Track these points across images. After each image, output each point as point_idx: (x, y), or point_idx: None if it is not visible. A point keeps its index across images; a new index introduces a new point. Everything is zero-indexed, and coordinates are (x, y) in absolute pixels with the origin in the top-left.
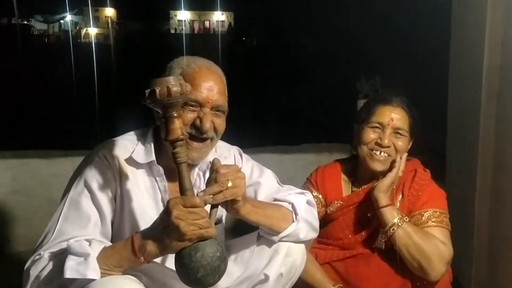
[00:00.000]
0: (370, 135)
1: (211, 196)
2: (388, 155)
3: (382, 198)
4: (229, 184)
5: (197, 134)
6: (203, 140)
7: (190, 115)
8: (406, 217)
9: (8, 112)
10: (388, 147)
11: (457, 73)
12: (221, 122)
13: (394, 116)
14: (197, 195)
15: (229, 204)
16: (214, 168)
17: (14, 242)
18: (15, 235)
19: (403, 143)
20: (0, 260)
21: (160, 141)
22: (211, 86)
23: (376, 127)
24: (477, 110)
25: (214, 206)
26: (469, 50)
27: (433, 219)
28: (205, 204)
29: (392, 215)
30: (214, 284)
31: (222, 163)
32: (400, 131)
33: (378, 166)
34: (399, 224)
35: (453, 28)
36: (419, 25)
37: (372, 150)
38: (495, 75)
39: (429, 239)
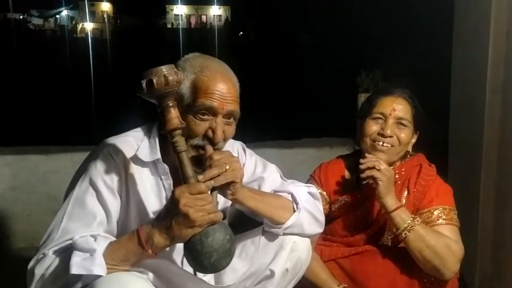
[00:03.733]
0: (373, 127)
1: (212, 180)
2: (392, 146)
3: (388, 201)
4: (227, 167)
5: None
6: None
7: (203, 125)
8: (417, 218)
9: (7, 108)
10: (391, 137)
11: (460, 66)
12: (231, 130)
13: (396, 106)
14: (198, 180)
15: (226, 187)
16: (207, 155)
17: (13, 238)
18: (14, 231)
19: (406, 134)
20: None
21: (166, 137)
22: (225, 95)
23: (379, 118)
24: (481, 103)
25: (213, 190)
26: (473, 42)
27: (444, 217)
28: (208, 190)
29: (402, 219)
30: (226, 266)
31: None
32: (402, 121)
33: (381, 157)
34: (411, 227)
35: (456, 19)
36: (421, 17)
37: (374, 141)
38: (500, 67)
39: (442, 240)
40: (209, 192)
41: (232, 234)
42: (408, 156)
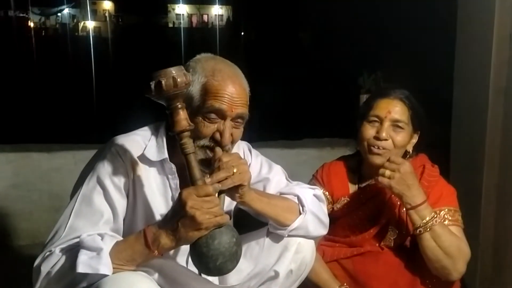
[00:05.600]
0: (369, 130)
1: (220, 183)
2: (388, 149)
3: (405, 200)
4: (235, 170)
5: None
6: None
7: (211, 127)
8: (436, 218)
9: (8, 105)
10: (386, 140)
11: (463, 68)
12: (239, 133)
13: (392, 109)
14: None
15: (234, 190)
16: (216, 157)
17: (14, 235)
18: (15, 228)
19: (402, 137)
20: (1, 254)
21: (173, 136)
22: (234, 98)
23: (375, 120)
24: (484, 106)
25: (221, 192)
26: (476, 45)
27: (449, 218)
28: (215, 192)
29: (418, 217)
30: (232, 270)
31: None
32: (399, 124)
33: (377, 160)
34: (427, 226)
35: (460, 21)
36: (424, 19)
37: (370, 145)
38: (503, 70)
39: (455, 241)
40: (216, 194)
41: (238, 237)
42: (408, 156)
